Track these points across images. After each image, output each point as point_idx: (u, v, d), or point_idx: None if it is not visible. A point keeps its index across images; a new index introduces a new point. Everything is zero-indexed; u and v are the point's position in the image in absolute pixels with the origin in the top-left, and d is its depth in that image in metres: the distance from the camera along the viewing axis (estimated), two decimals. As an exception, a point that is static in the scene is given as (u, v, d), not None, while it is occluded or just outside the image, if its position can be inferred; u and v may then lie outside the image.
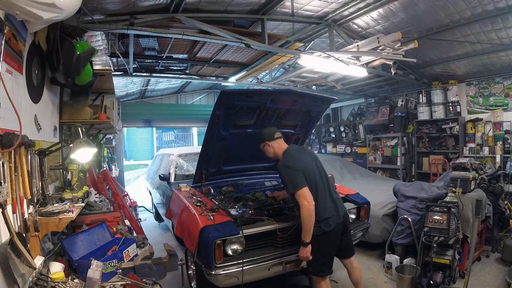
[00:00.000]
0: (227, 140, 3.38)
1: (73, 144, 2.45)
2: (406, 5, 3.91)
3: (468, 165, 3.83)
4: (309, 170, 2.59)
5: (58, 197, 2.42)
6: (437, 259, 3.20)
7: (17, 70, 1.94)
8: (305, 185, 2.44)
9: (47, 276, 1.82)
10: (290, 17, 4.08)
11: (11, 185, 1.73)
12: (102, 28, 3.27)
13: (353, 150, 8.38)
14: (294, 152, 2.71)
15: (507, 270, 3.44)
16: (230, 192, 3.50)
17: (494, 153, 5.42)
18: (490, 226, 4.09)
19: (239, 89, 6.06)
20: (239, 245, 2.64)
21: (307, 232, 2.44)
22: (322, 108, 3.74)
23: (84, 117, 3.41)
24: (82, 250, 2.39)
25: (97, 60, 4.35)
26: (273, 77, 6.90)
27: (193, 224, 2.74)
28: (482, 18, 4.00)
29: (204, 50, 5.05)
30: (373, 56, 4.30)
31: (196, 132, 17.19)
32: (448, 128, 6.15)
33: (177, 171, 4.46)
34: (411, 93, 7.21)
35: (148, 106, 9.20)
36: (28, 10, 1.61)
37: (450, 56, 5.35)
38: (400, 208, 3.97)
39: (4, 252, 1.49)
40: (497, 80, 5.69)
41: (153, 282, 2.23)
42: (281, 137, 2.86)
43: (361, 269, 2.94)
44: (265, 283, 2.90)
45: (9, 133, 1.67)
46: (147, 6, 3.42)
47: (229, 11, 3.84)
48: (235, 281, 2.54)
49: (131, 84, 7.27)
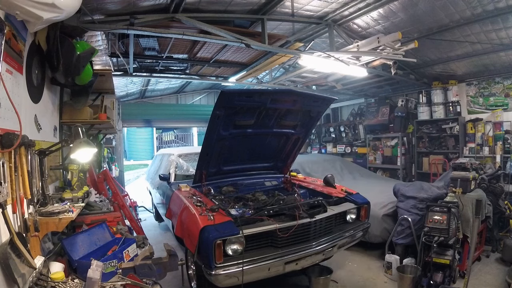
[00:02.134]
0: (227, 140, 3.39)
1: (73, 144, 2.45)
2: (406, 5, 3.91)
3: (468, 165, 3.83)
4: None
5: (58, 197, 2.41)
6: (437, 259, 3.20)
7: (17, 70, 1.94)
8: None
9: (47, 276, 1.82)
10: (290, 17, 4.08)
11: (11, 185, 1.73)
12: (102, 28, 3.27)
13: (353, 150, 8.38)
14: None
15: (507, 270, 3.44)
16: (230, 192, 3.50)
17: (494, 153, 5.42)
18: (490, 226, 4.09)
19: (239, 89, 6.08)
20: (239, 245, 2.64)
21: None
22: (322, 108, 3.74)
23: (84, 117, 3.41)
24: (82, 250, 2.39)
25: (97, 60, 4.34)
26: (273, 77, 6.90)
27: (193, 224, 2.73)
28: (482, 18, 4.00)
29: (204, 50, 5.05)
30: (373, 56, 4.30)
31: (196, 132, 17.20)
32: (448, 128, 6.15)
33: (177, 171, 4.46)
34: (411, 93, 7.21)
35: (148, 106, 9.20)
36: (28, 10, 1.61)
37: (450, 56, 5.35)
38: (400, 208, 3.97)
39: (4, 252, 1.49)
40: (497, 80, 5.69)
41: (153, 282, 2.23)
42: None
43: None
44: (265, 283, 2.90)
45: (9, 133, 1.67)
46: (147, 6, 3.42)
47: (229, 11, 3.84)
48: (235, 281, 2.54)
49: (131, 84, 7.27)
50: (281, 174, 4.27)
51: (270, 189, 3.75)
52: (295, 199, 3.15)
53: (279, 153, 4.10)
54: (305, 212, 2.98)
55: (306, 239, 2.97)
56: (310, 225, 2.99)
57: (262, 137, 3.75)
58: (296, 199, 3.19)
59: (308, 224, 2.96)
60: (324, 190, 3.65)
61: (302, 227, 2.92)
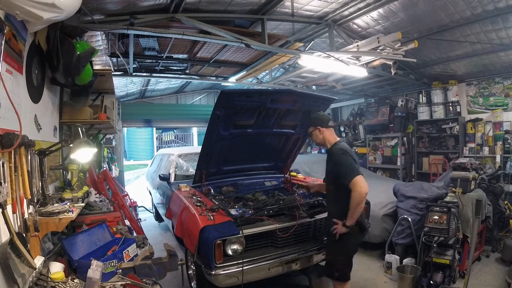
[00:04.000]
0: (227, 140, 3.39)
1: (73, 144, 2.45)
2: (406, 5, 3.91)
3: (468, 165, 3.83)
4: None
5: (58, 197, 2.41)
6: (437, 259, 3.20)
7: (17, 70, 1.94)
8: (361, 173, 2.40)
9: (47, 276, 1.82)
10: (290, 17, 4.08)
11: (11, 185, 1.73)
12: (102, 28, 3.26)
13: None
14: (347, 145, 2.70)
15: (507, 270, 3.44)
16: (230, 192, 3.50)
17: (494, 153, 5.41)
18: (490, 226, 4.09)
19: (239, 89, 6.07)
20: (239, 245, 2.64)
21: (352, 217, 2.39)
22: (322, 108, 3.74)
23: (84, 117, 3.41)
24: (82, 250, 2.39)
25: (97, 60, 4.34)
26: (273, 77, 6.90)
27: (193, 224, 2.74)
28: (482, 18, 3.99)
29: (204, 50, 5.05)
30: (373, 56, 4.29)
31: (196, 132, 17.22)
32: (448, 128, 6.15)
33: (177, 171, 4.46)
34: (411, 93, 7.21)
35: (148, 106, 9.20)
36: (28, 10, 1.61)
37: (450, 56, 5.35)
38: (400, 208, 3.97)
39: (4, 252, 1.49)
40: (497, 80, 5.69)
41: (153, 282, 2.23)
42: (334, 127, 2.79)
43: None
44: (265, 283, 2.90)
45: (9, 133, 1.66)
46: (147, 6, 3.42)
47: (229, 11, 3.84)
48: (235, 281, 2.55)
49: (131, 84, 7.27)
50: (281, 174, 4.27)
51: (270, 189, 3.75)
52: (295, 199, 3.16)
53: (279, 153, 4.10)
54: (305, 212, 2.99)
55: (306, 239, 2.98)
56: (310, 225, 2.99)
57: (262, 137, 3.75)
58: (296, 199, 3.19)
59: (308, 224, 2.97)
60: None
61: (302, 227, 2.92)
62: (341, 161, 2.47)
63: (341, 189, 2.46)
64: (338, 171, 2.49)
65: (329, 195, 2.79)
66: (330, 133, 2.68)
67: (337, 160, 2.50)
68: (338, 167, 2.49)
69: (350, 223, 2.41)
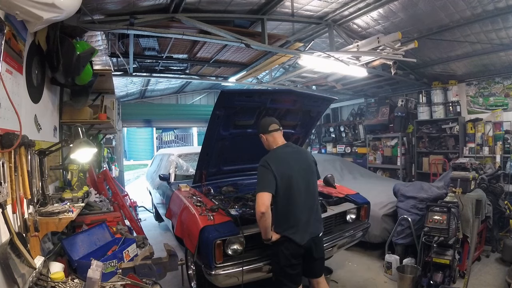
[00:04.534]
0: (227, 140, 3.38)
1: (73, 144, 2.45)
2: (406, 5, 3.91)
3: (468, 165, 3.83)
4: (290, 177, 2.37)
5: (58, 197, 2.41)
6: (437, 259, 3.20)
7: (17, 70, 1.93)
8: (269, 191, 2.28)
9: (47, 276, 1.82)
10: (290, 17, 4.08)
11: (11, 185, 1.73)
12: (102, 28, 3.26)
13: (353, 150, 8.37)
14: (281, 153, 2.49)
15: (507, 270, 3.44)
16: (230, 192, 3.50)
17: (494, 153, 5.41)
18: (490, 226, 4.09)
19: (239, 89, 6.06)
20: (239, 245, 2.64)
21: (262, 233, 2.37)
22: (322, 108, 3.74)
23: (84, 117, 3.41)
24: (82, 250, 2.39)
25: (97, 60, 4.34)
26: (273, 77, 6.90)
27: (193, 224, 2.74)
28: (482, 18, 3.99)
29: (204, 50, 5.05)
30: (373, 56, 4.29)
31: (196, 132, 17.22)
32: (448, 128, 6.15)
33: (177, 171, 4.46)
34: (411, 93, 7.21)
35: (148, 106, 9.20)
36: (28, 10, 1.61)
37: (450, 56, 5.35)
38: (400, 208, 3.97)
39: (4, 252, 1.49)
40: (497, 80, 5.69)
41: (153, 282, 2.23)
42: (278, 129, 2.60)
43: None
44: (265, 283, 2.90)
45: (9, 133, 1.66)
46: (147, 6, 3.42)
47: (229, 11, 3.84)
48: (235, 281, 2.54)
49: (131, 84, 7.27)
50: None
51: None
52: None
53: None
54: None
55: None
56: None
57: (262, 137, 3.74)
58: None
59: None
60: (324, 190, 3.65)
61: (302, 227, 2.91)
62: (258, 172, 2.45)
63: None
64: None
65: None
66: (272, 139, 2.58)
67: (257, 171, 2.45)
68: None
69: (265, 237, 2.37)
